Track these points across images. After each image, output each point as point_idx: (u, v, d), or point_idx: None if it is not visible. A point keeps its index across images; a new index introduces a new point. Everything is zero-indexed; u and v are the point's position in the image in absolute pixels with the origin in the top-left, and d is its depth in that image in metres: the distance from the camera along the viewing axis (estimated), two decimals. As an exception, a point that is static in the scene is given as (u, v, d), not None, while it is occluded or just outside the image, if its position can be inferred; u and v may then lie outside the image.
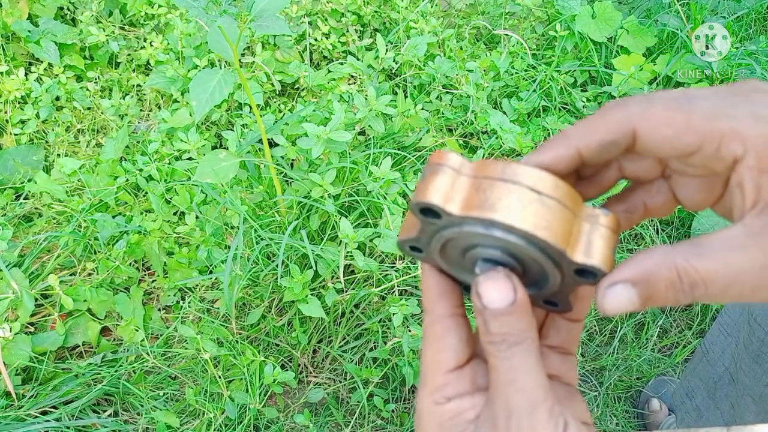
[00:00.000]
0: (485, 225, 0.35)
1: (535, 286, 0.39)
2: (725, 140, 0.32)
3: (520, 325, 0.36)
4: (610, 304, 0.34)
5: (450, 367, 0.39)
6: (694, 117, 0.32)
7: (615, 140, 0.34)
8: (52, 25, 1.79)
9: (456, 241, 0.37)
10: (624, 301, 0.34)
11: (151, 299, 1.46)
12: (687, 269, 0.32)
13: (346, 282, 1.37)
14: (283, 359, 1.37)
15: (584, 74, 1.89)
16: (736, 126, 0.32)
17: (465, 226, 0.35)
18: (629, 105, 0.34)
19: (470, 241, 0.37)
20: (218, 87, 1.12)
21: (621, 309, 0.35)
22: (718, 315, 1.08)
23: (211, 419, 1.24)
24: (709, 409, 1.11)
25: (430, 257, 0.39)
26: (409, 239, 0.38)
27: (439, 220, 0.36)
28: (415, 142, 1.57)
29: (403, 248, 0.39)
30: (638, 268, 0.34)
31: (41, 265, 1.44)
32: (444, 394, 0.39)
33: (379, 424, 1.34)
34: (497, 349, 0.36)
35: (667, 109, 0.33)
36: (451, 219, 0.35)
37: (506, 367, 0.36)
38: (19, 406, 1.25)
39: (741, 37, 1.96)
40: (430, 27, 1.82)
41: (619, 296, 0.34)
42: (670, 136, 0.33)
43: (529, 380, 0.36)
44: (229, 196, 1.34)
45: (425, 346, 0.40)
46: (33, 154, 1.64)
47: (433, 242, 0.37)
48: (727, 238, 0.32)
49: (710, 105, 0.33)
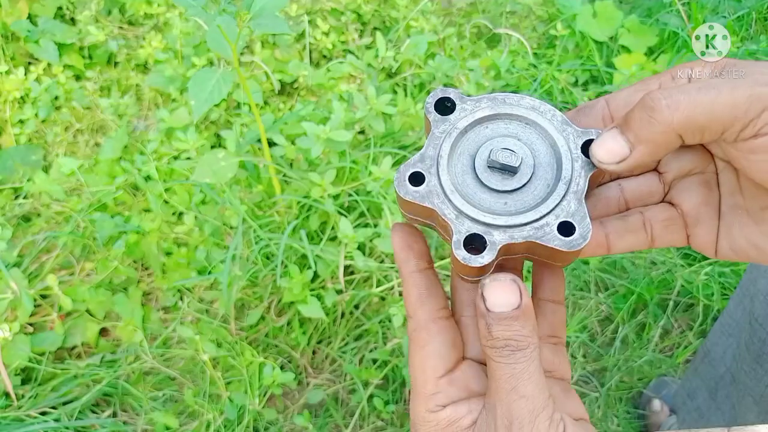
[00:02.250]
0: (497, 101, 0.39)
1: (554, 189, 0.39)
2: (754, 103, 0.33)
3: (524, 331, 0.35)
4: (599, 147, 0.36)
5: (439, 373, 0.38)
6: (721, 93, 0.34)
7: (666, 148, 0.35)
8: (51, 25, 1.78)
9: (467, 138, 0.39)
10: (610, 142, 0.36)
11: (150, 300, 1.45)
12: (656, 93, 0.34)
13: (346, 282, 1.36)
14: (283, 360, 1.37)
15: (585, 73, 1.89)
16: (756, 90, 0.33)
17: (478, 112, 0.39)
18: (600, 103, 0.39)
19: (484, 134, 0.40)
20: (217, 86, 1.11)
21: (609, 151, 0.36)
22: (720, 315, 1.07)
23: (210, 420, 1.24)
24: (711, 410, 1.11)
25: (431, 185, 0.39)
26: (413, 162, 0.39)
27: (452, 114, 0.39)
28: (415, 142, 1.57)
29: (401, 184, 0.39)
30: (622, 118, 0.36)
31: (40, 265, 1.44)
32: (437, 402, 0.38)
33: (379, 425, 1.33)
34: (499, 354, 0.35)
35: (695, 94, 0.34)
36: (465, 107, 0.39)
37: (508, 373, 0.35)
38: (19, 407, 1.25)
39: (742, 36, 1.95)
40: (431, 25, 1.82)
41: (605, 139, 0.36)
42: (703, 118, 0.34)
43: (530, 387, 0.35)
44: (228, 196, 1.33)
45: (412, 353, 0.40)
46: (32, 153, 1.63)
47: (441, 152, 0.39)
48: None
49: (728, 83, 0.34)
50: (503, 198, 0.38)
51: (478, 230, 0.37)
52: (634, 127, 0.35)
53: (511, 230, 0.37)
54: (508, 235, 0.37)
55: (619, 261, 1.51)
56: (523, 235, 0.37)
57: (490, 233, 0.37)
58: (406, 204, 0.39)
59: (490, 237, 0.37)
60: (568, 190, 0.37)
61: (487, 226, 0.37)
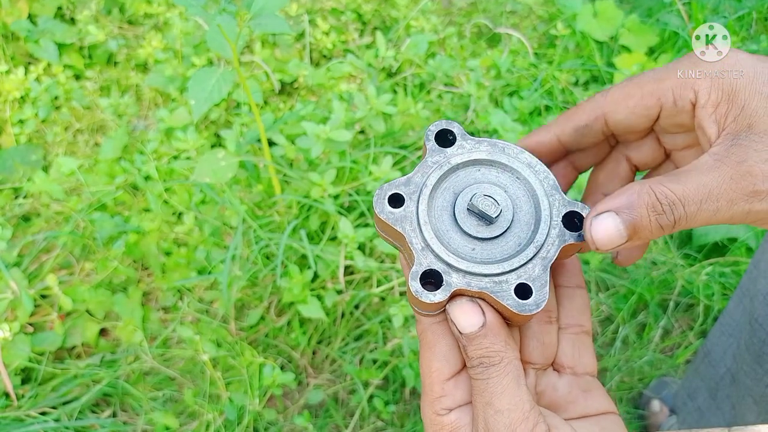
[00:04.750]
0: (497, 148, 0.40)
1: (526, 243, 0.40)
2: (677, 91, 0.35)
3: (494, 347, 0.36)
4: (598, 232, 0.36)
5: (445, 376, 0.39)
6: (645, 82, 0.36)
7: (587, 124, 0.37)
8: (51, 25, 1.78)
9: (457, 176, 0.40)
10: (611, 230, 0.36)
11: (150, 300, 1.45)
12: (665, 191, 0.35)
13: (346, 282, 1.36)
14: (283, 360, 1.37)
15: (586, 73, 1.89)
16: (683, 76, 0.35)
17: (475, 153, 0.39)
18: (595, 96, 0.39)
19: (474, 176, 0.40)
20: (217, 86, 1.11)
21: (609, 238, 0.36)
22: (720, 316, 1.07)
23: (210, 421, 1.24)
24: (711, 410, 1.11)
25: (407, 211, 0.39)
26: (397, 183, 0.39)
27: (449, 148, 0.40)
28: (415, 141, 1.56)
29: (379, 202, 0.39)
30: (620, 198, 0.36)
31: (40, 265, 1.44)
32: (443, 405, 0.39)
33: (380, 425, 1.33)
34: (475, 371, 0.37)
35: (622, 87, 0.36)
36: (464, 145, 0.40)
37: (482, 388, 0.37)
38: (19, 407, 1.25)
39: (742, 36, 1.95)
40: (431, 25, 1.82)
41: (605, 224, 0.36)
42: (632, 105, 0.36)
43: (506, 401, 0.36)
44: (228, 196, 1.33)
45: (420, 354, 0.41)
46: (32, 153, 1.63)
47: (427, 181, 0.39)
48: (697, 164, 0.35)
49: (658, 69, 0.36)
50: (473, 244, 0.39)
51: (439, 268, 0.37)
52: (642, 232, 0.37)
53: (470, 277, 0.37)
54: (466, 281, 0.37)
55: (620, 261, 1.51)
56: (480, 285, 0.37)
57: (449, 273, 0.37)
58: (380, 221, 0.39)
59: (448, 277, 0.37)
60: (537, 254, 0.38)
61: (449, 266, 0.37)
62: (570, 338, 0.43)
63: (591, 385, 0.42)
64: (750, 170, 0.33)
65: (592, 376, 0.43)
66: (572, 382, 0.42)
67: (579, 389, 0.42)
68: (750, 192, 0.34)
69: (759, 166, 0.33)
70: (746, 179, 0.33)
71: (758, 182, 0.33)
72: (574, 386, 0.42)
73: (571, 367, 0.42)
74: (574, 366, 0.42)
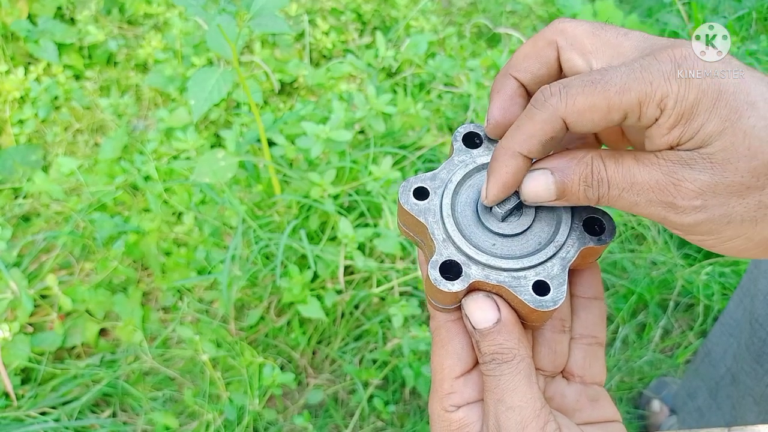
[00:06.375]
0: None
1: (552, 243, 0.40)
2: (644, 108, 0.35)
3: (508, 344, 0.37)
4: (528, 185, 0.37)
5: (456, 374, 0.39)
6: (611, 94, 0.35)
7: (552, 137, 0.37)
8: (51, 25, 1.78)
9: (482, 175, 0.41)
10: (541, 186, 0.37)
11: (150, 300, 1.45)
12: (599, 168, 0.36)
13: (346, 282, 1.36)
14: (283, 360, 1.37)
15: (585, 73, 1.89)
16: (648, 91, 0.34)
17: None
18: (550, 101, 0.36)
19: None
20: (217, 86, 1.11)
21: (536, 192, 0.37)
22: (720, 315, 1.07)
23: (209, 421, 1.24)
24: (711, 410, 1.11)
25: (431, 204, 0.40)
26: (423, 177, 0.41)
27: (476, 149, 0.41)
28: (415, 141, 1.56)
29: (404, 194, 0.40)
30: (561, 159, 0.37)
31: (40, 266, 1.44)
32: (452, 402, 0.39)
33: (379, 425, 1.33)
34: (487, 368, 0.37)
35: (586, 96, 0.35)
36: (490, 147, 0.41)
37: (494, 385, 0.37)
38: (18, 407, 1.25)
39: (742, 36, 1.95)
40: (431, 25, 1.82)
41: (538, 180, 0.37)
42: (597, 118, 0.35)
43: (517, 398, 0.36)
44: (228, 196, 1.33)
45: (433, 350, 0.41)
46: (32, 153, 1.63)
47: (453, 177, 0.40)
48: (639, 155, 0.36)
49: (623, 77, 0.35)
50: (494, 239, 0.39)
51: (459, 259, 0.38)
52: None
53: (489, 270, 0.38)
54: (484, 274, 0.38)
55: (620, 261, 1.51)
56: (498, 278, 0.38)
57: (468, 265, 0.38)
58: (403, 213, 0.40)
59: (467, 268, 0.38)
60: (556, 253, 0.38)
61: (468, 258, 0.38)
62: (583, 348, 0.43)
63: (599, 394, 0.43)
64: (678, 183, 0.34)
65: (601, 385, 0.43)
66: (580, 390, 0.42)
67: (587, 398, 0.42)
68: (668, 202, 0.35)
69: (686, 184, 0.34)
70: (669, 189, 0.34)
71: (678, 197, 0.34)
72: (582, 395, 0.42)
73: (581, 376, 0.43)
74: (584, 375, 0.43)
